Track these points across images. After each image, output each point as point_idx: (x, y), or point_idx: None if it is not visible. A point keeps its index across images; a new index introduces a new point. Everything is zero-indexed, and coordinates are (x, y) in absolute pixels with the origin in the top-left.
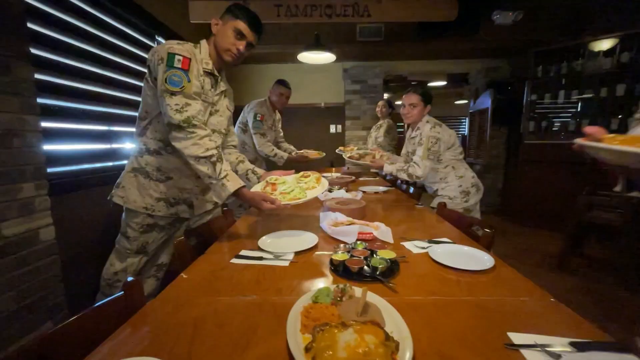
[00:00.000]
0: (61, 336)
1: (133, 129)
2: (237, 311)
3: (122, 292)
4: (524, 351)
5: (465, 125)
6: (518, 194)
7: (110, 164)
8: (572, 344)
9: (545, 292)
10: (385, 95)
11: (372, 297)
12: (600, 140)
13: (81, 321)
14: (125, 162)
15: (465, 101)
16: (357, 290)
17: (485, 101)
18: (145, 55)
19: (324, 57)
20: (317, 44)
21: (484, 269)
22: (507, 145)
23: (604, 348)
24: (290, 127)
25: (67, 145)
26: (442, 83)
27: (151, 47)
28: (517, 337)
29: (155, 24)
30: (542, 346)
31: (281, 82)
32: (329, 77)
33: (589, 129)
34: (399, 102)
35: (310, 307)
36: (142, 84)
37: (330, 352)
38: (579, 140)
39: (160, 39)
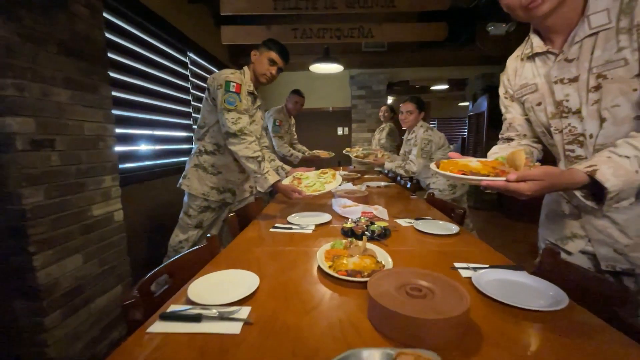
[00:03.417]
0: (178, 263)
1: (180, 134)
2: (281, 255)
3: (207, 243)
4: (460, 270)
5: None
6: None
7: (163, 161)
8: (490, 266)
9: (490, 247)
10: (390, 99)
11: (370, 246)
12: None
13: (187, 256)
14: (174, 160)
15: (468, 103)
16: (360, 244)
17: (483, 105)
18: (177, 68)
19: (332, 68)
20: (326, 57)
21: (450, 233)
22: None
23: (507, 268)
24: (302, 129)
25: (130, 146)
26: (444, 87)
27: (183, 61)
28: (459, 265)
29: (187, 42)
30: (472, 268)
31: (296, 92)
32: (336, 83)
33: (450, 154)
34: None
35: (329, 249)
36: (178, 95)
37: (342, 265)
38: (432, 165)
39: (190, 54)
